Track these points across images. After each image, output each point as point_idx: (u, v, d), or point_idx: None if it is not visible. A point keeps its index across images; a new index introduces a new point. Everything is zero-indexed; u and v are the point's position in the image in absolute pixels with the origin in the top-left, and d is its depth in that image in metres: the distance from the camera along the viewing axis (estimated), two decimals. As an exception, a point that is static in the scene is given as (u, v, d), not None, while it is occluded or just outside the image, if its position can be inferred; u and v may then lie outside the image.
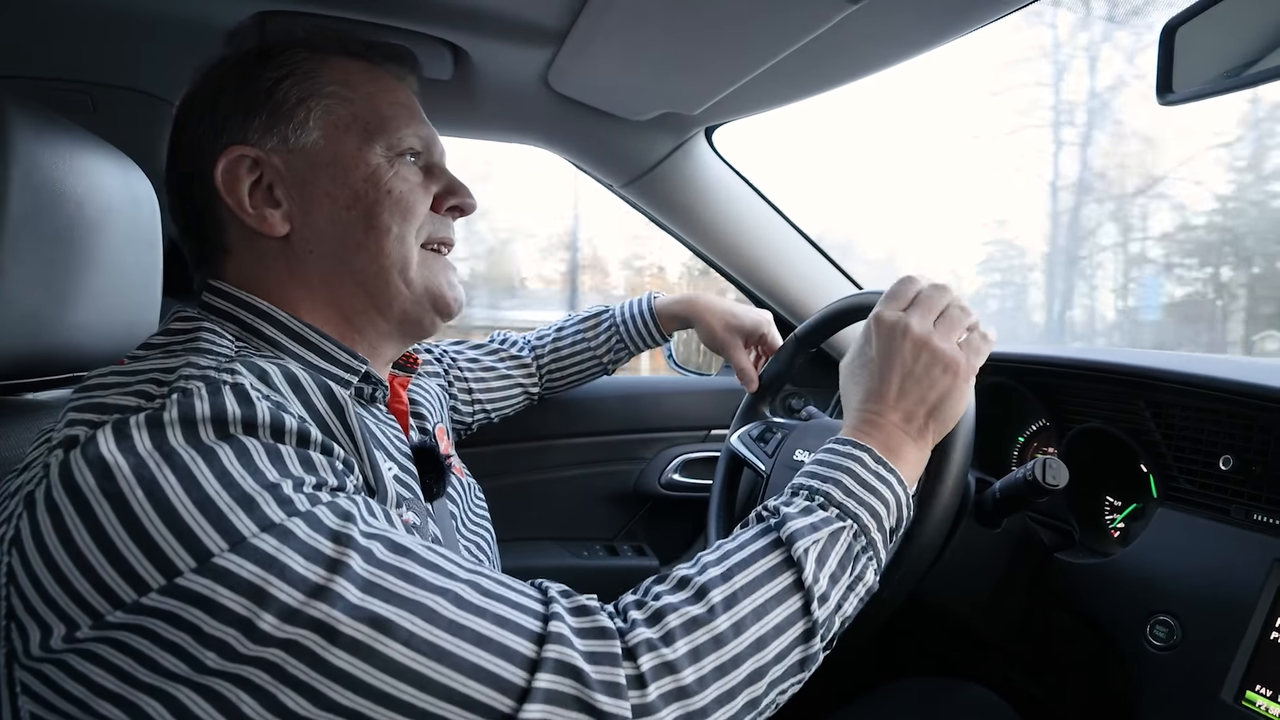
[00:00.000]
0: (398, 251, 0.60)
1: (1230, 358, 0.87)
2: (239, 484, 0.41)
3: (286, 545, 0.40)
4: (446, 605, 0.42)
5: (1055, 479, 0.69)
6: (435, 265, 0.64)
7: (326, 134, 0.59)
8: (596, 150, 1.15)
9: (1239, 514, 0.70)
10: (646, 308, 1.07)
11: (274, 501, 0.41)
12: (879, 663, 1.06)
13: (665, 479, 1.32)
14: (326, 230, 0.58)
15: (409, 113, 0.63)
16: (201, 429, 0.42)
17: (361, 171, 0.59)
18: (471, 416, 1.03)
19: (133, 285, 0.69)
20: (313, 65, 0.60)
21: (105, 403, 0.44)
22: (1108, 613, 0.76)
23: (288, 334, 0.57)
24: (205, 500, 0.40)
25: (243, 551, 0.39)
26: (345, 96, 0.60)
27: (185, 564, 0.38)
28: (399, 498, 0.57)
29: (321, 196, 0.58)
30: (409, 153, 0.62)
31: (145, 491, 0.39)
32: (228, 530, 0.39)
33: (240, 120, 0.57)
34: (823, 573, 0.52)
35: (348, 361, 0.59)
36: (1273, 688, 0.62)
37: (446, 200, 0.64)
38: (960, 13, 0.70)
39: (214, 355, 0.50)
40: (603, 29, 0.77)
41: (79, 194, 0.60)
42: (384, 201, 0.59)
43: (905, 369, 0.61)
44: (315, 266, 0.59)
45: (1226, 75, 0.58)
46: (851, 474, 0.57)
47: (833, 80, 0.88)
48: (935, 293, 0.64)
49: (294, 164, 0.58)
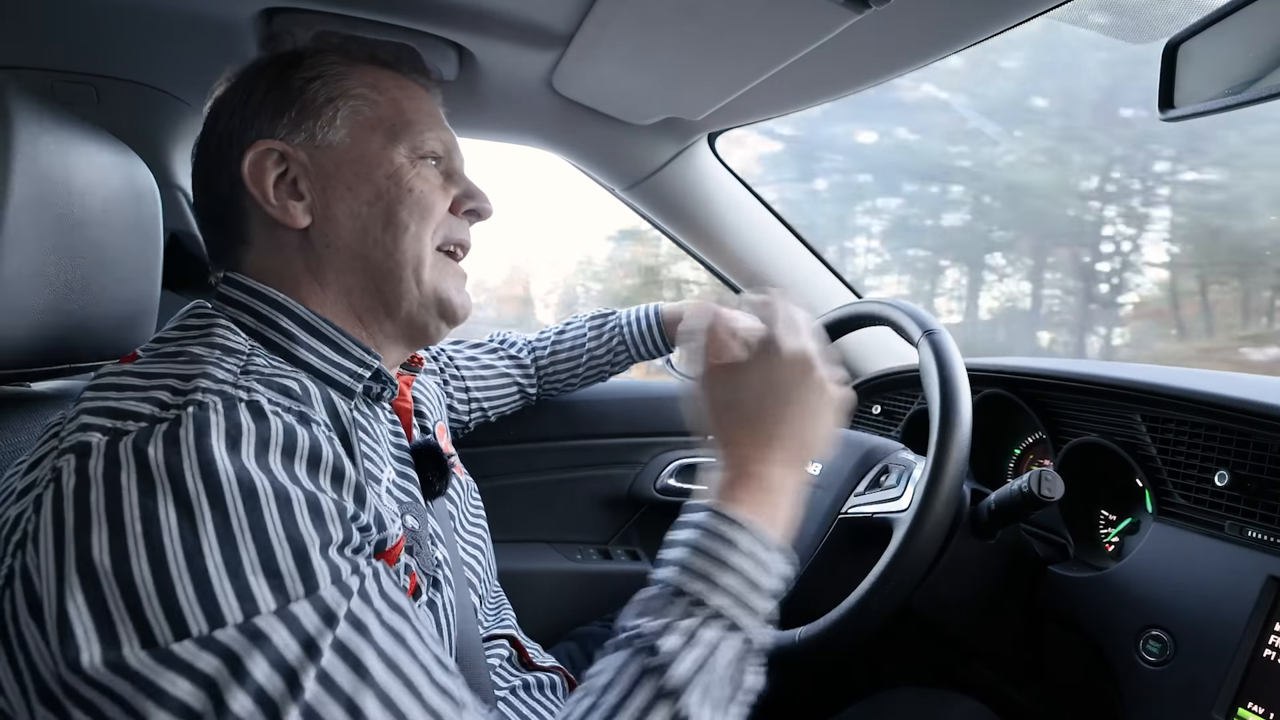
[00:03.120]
0: (413, 249, 0.61)
1: (1227, 374, 0.88)
2: (240, 531, 0.40)
3: (256, 646, 0.38)
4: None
5: (1050, 492, 0.70)
6: (447, 269, 0.64)
7: (353, 133, 0.60)
8: (599, 153, 1.16)
9: (1233, 530, 0.70)
10: (654, 315, 1.07)
11: (268, 588, 0.39)
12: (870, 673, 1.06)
13: (661, 484, 1.32)
14: (346, 224, 0.59)
15: (432, 118, 0.64)
16: (216, 447, 0.41)
17: (385, 169, 0.60)
18: (469, 415, 1.03)
19: (133, 277, 0.69)
20: (343, 69, 0.62)
21: (119, 408, 0.44)
22: (1100, 626, 0.76)
23: (303, 327, 0.57)
24: (202, 573, 0.38)
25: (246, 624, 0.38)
26: (372, 99, 0.61)
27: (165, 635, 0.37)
28: (398, 505, 0.57)
29: (344, 191, 0.59)
30: (430, 156, 0.63)
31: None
32: (213, 615, 0.38)
33: (270, 116, 0.59)
34: (706, 702, 0.46)
35: (361, 356, 0.59)
36: (1264, 704, 0.62)
37: (465, 203, 0.66)
38: (966, 24, 0.70)
39: (231, 359, 0.50)
40: (608, 33, 0.77)
41: (81, 186, 0.60)
42: (404, 199, 0.60)
43: (806, 407, 0.56)
44: (332, 261, 0.60)
45: (1227, 93, 0.58)
46: (730, 568, 0.50)
47: (837, 88, 0.89)
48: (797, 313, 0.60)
49: (319, 159, 0.59)
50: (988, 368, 0.98)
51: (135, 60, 0.93)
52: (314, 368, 0.56)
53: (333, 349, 0.58)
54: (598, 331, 1.09)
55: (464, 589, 0.67)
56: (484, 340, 1.09)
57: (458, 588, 0.65)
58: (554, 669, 0.77)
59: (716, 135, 1.16)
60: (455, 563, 0.66)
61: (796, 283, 1.29)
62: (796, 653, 0.72)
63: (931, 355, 0.74)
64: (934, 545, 0.67)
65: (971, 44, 0.74)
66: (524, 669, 0.75)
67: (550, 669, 0.77)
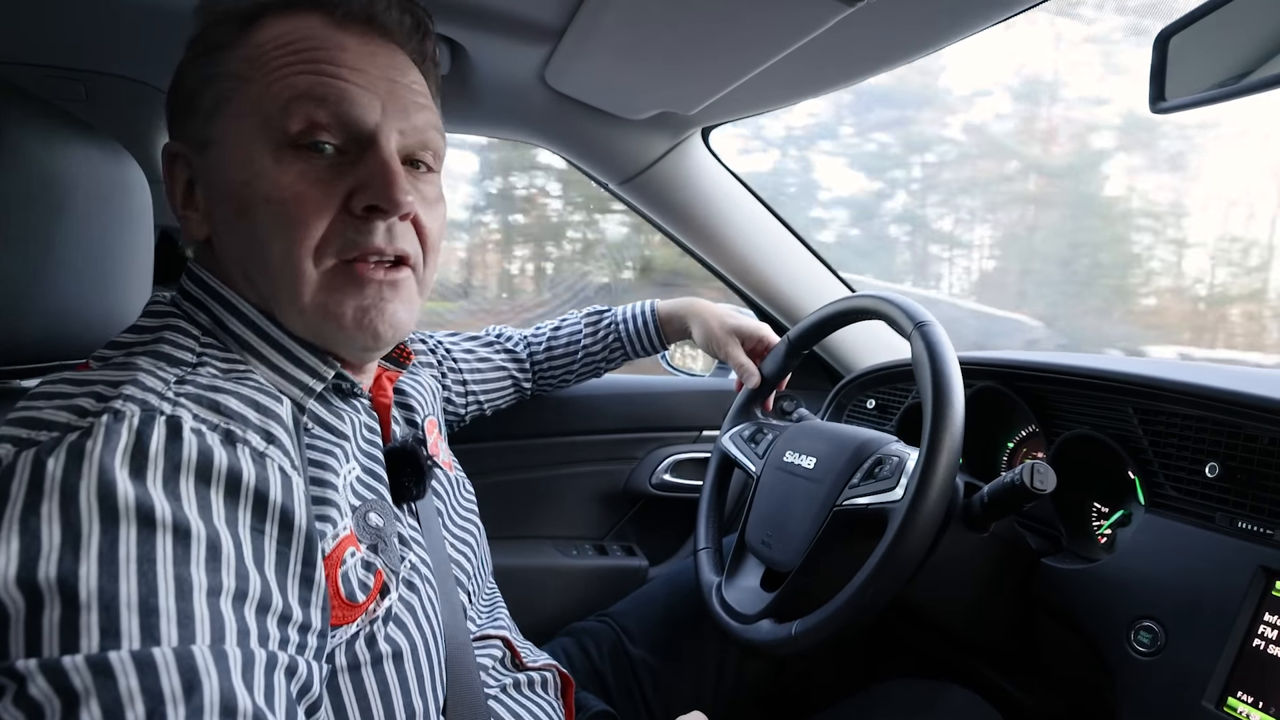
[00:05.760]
0: (284, 274, 0.51)
1: (1218, 365, 0.88)
2: (121, 569, 0.36)
3: (98, 685, 0.34)
4: None
5: (1043, 484, 0.70)
6: (345, 287, 0.52)
7: (224, 126, 0.52)
8: (593, 148, 1.15)
9: (1224, 521, 0.71)
10: (649, 312, 1.07)
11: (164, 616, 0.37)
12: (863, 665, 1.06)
13: (656, 479, 1.32)
14: (229, 240, 0.53)
15: (334, 80, 0.50)
16: (119, 466, 0.38)
17: (242, 173, 0.50)
18: (465, 408, 1.03)
19: (123, 273, 0.69)
20: (229, 39, 0.52)
21: (39, 418, 0.42)
22: (1092, 618, 0.76)
23: (255, 331, 0.54)
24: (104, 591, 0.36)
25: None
26: (245, 76, 0.51)
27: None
28: (359, 502, 0.55)
29: (221, 200, 0.52)
30: (303, 138, 0.50)
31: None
32: (68, 642, 0.35)
33: (172, 111, 0.55)
34: None
35: (314, 366, 0.55)
36: (1254, 694, 0.63)
37: (360, 198, 0.51)
38: (957, 17, 0.71)
39: (172, 369, 0.47)
40: (600, 27, 0.77)
41: (70, 181, 0.60)
42: (261, 209, 0.50)
43: None
44: (235, 276, 0.54)
45: (1219, 85, 0.58)
46: None
47: (830, 82, 0.89)
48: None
49: (204, 163, 0.53)
50: (981, 361, 0.99)
51: (125, 55, 0.93)
52: (272, 367, 0.54)
53: (283, 356, 0.54)
54: (594, 329, 1.09)
55: (451, 587, 0.66)
56: (480, 334, 1.09)
57: (443, 586, 0.63)
58: (546, 666, 0.77)
59: (710, 130, 1.16)
60: (441, 561, 0.65)
61: (790, 276, 1.29)
62: (794, 646, 0.73)
63: (924, 348, 0.74)
64: (929, 534, 0.67)
65: (965, 36, 0.74)
66: (516, 669, 0.74)
67: (543, 667, 0.76)
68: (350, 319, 0.53)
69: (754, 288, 1.31)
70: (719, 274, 1.33)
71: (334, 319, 0.53)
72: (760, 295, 1.32)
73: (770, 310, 1.34)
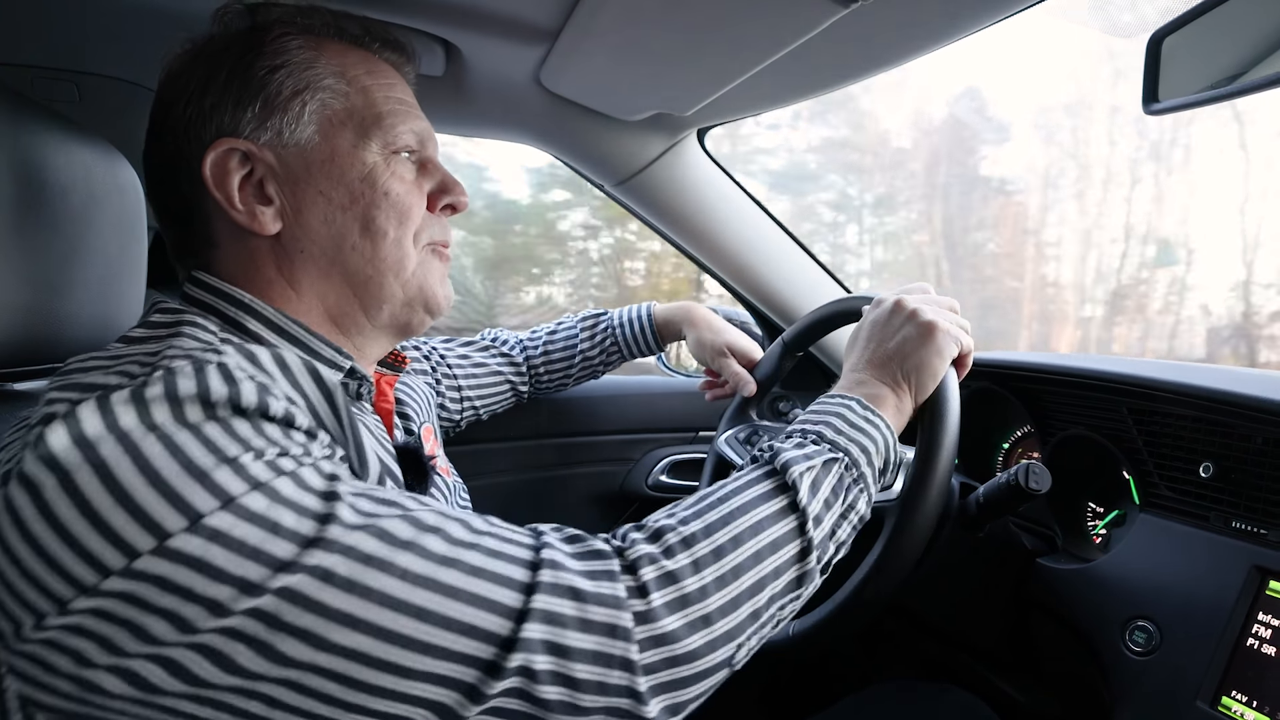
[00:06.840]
0: (394, 255, 0.59)
1: (1213, 366, 0.88)
2: (223, 451, 0.41)
3: (276, 503, 0.41)
4: (439, 541, 0.44)
5: (1038, 484, 0.70)
6: (432, 266, 0.63)
7: (321, 129, 0.57)
8: (588, 150, 1.15)
9: (1218, 521, 0.71)
10: (646, 315, 1.08)
11: (261, 465, 0.41)
12: (860, 665, 1.06)
13: (653, 480, 1.32)
14: (320, 230, 0.57)
15: (404, 106, 0.61)
16: (188, 406, 0.41)
17: (358, 170, 0.57)
18: (460, 414, 1.02)
19: (117, 276, 0.68)
20: (308, 55, 0.58)
21: (86, 381, 0.43)
22: (1087, 617, 0.76)
23: (272, 329, 0.56)
24: (190, 465, 0.40)
25: (234, 510, 0.39)
26: (340, 90, 0.58)
27: (176, 525, 0.38)
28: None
29: (315, 195, 0.57)
30: (404, 150, 0.60)
31: (132, 460, 0.39)
32: (217, 491, 0.39)
33: (231, 110, 0.55)
34: (816, 498, 0.55)
35: (331, 358, 0.58)
36: (1248, 693, 0.63)
37: (441, 199, 0.63)
38: (954, 17, 0.71)
39: (204, 336, 0.50)
40: (595, 28, 0.76)
41: (63, 184, 0.60)
42: (380, 203, 0.58)
43: (890, 329, 0.68)
44: (305, 266, 0.58)
45: (1211, 87, 0.58)
46: (841, 417, 0.62)
47: (825, 83, 0.89)
48: (937, 296, 0.72)
49: (287, 160, 0.56)
50: (976, 361, 0.99)
51: (117, 56, 0.92)
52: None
53: (303, 350, 0.57)
54: (590, 332, 1.09)
55: None
56: (475, 339, 1.08)
57: None
58: None
59: (706, 131, 1.16)
60: None
61: (785, 277, 1.29)
62: (791, 647, 0.73)
63: None
64: (925, 534, 0.67)
65: (962, 36, 0.74)
66: None
67: None
68: (439, 288, 0.64)
69: (749, 288, 1.31)
70: (715, 275, 1.32)
71: (429, 289, 0.62)
72: (756, 296, 1.32)
73: (765, 310, 1.34)
